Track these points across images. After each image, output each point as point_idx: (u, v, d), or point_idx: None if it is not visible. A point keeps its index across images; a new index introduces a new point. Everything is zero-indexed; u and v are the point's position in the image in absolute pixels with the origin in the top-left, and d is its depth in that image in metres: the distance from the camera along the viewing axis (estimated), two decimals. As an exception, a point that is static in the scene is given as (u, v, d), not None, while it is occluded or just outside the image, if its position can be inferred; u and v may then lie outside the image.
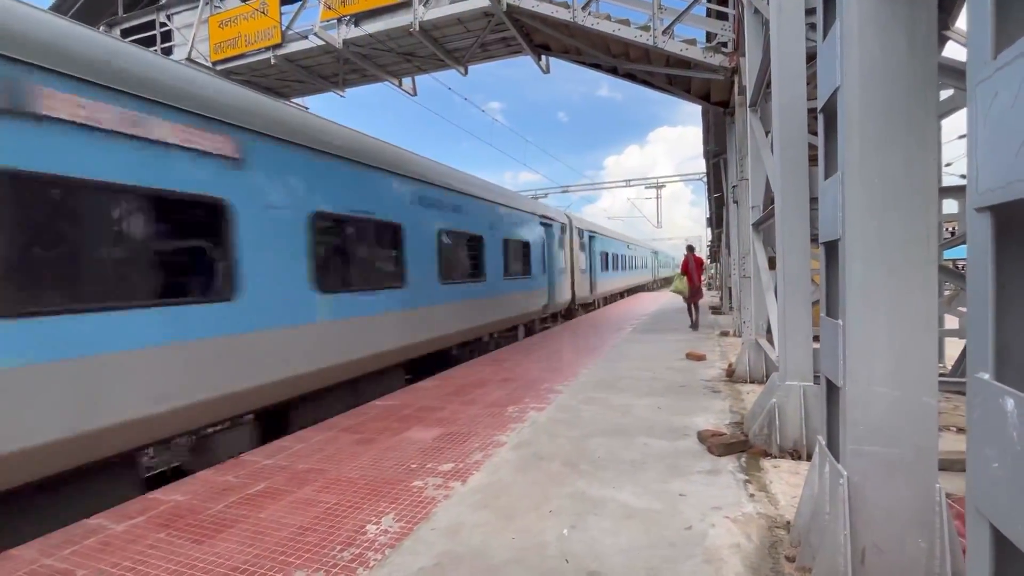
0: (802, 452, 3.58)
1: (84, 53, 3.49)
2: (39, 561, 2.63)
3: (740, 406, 4.94)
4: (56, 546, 2.78)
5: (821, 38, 2.22)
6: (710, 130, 12.59)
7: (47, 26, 3.38)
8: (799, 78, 3.75)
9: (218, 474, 3.77)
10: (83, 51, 3.49)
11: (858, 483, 1.97)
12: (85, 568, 2.54)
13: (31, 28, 3.26)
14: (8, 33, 3.10)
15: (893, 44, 1.84)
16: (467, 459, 3.81)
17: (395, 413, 5.23)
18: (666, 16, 7.76)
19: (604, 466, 3.56)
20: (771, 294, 5.26)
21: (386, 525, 2.85)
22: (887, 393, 1.93)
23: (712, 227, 26.37)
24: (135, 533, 2.90)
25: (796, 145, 3.74)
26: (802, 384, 3.68)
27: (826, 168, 2.26)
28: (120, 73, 3.66)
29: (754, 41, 5.43)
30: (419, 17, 9.30)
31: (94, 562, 2.60)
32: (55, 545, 2.79)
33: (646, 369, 6.91)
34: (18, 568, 2.57)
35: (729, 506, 2.89)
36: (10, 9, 3.22)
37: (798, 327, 3.80)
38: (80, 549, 2.73)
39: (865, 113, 1.90)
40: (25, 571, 2.54)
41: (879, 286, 1.90)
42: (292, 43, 10.46)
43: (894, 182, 1.87)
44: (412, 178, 7.14)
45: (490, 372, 7.22)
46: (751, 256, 6.22)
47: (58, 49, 3.33)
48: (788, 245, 3.82)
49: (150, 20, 11.85)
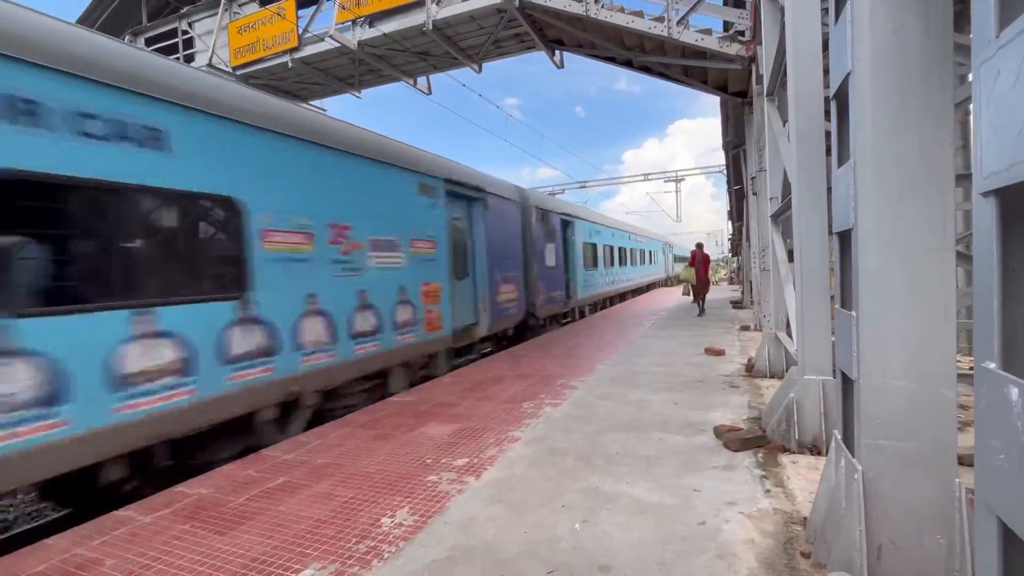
0: (821, 447, 3.51)
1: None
2: (71, 551, 2.75)
3: (758, 401, 4.85)
4: (87, 536, 2.90)
5: (833, 22, 2.16)
6: (729, 121, 12.34)
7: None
8: (815, 65, 3.65)
9: (240, 468, 3.88)
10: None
11: (874, 478, 1.92)
12: (114, 558, 2.65)
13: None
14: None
15: (906, 25, 1.79)
16: (481, 454, 3.84)
17: (411, 409, 5.29)
18: (681, 6, 7.63)
19: (618, 461, 3.55)
20: (790, 287, 5.15)
21: (400, 518, 2.89)
22: (903, 386, 1.88)
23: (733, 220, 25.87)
24: (161, 525, 3.00)
25: (812, 134, 3.65)
26: (821, 378, 3.60)
27: (839, 156, 2.20)
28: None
29: (771, 29, 5.30)
30: (432, 16, 9.34)
31: (122, 552, 2.70)
32: (86, 535, 2.91)
33: (664, 364, 6.85)
34: (52, 557, 2.69)
35: (744, 501, 2.85)
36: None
37: (816, 320, 3.72)
38: (109, 540, 2.85)
39: (877, 98, 1.85)
40: (59, 560, 2.66)
41: (893, 276, 1.85)
42: (308, 46, 10.62)
43: (908, 168, 1.81)
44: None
45: (507, 368, 7.25)
46: (770, 249, 6.09)
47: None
48: (805, 237, 3.74)
49: (172, 28, 12.17)
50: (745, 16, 7.66)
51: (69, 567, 2.59)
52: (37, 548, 2.80)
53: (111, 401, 3.56)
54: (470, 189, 8.67)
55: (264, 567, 2.48)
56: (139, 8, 12.55)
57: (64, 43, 3.56)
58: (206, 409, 4.17)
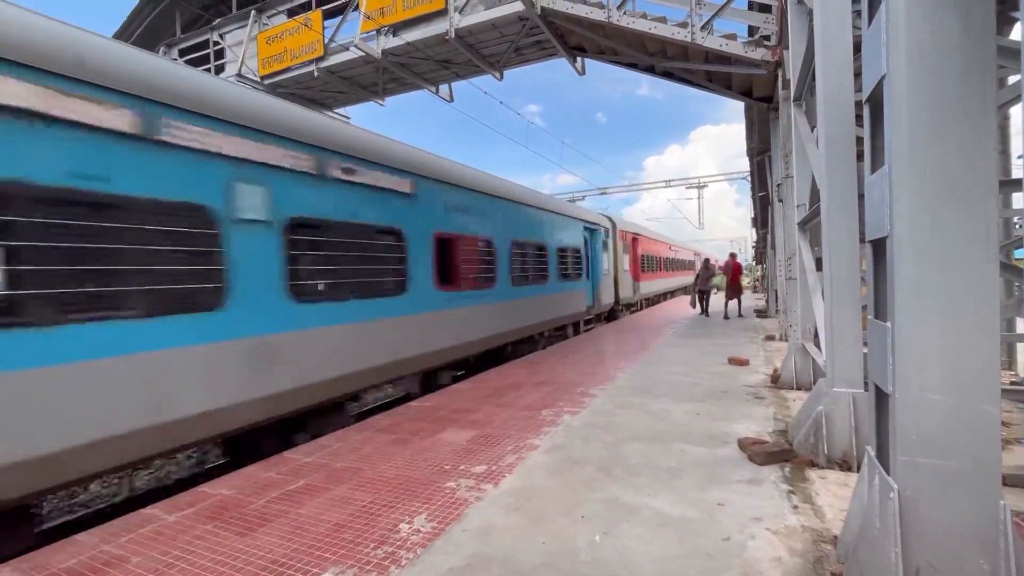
0: (852, 463, 3.39)
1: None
2: (99, 547, 2.81)
3: (785, 413, 4.72)
4: (115, 533, 2.97)
5: (866, 25, 2.10)
6: (753, 127, 12.16)
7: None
8: (845, 69, 3.57)
9: (262, 470, 3.93)
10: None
11: (911, 497, 1.84)
12: (139, 556, 2.70)
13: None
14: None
15: (945, 27, 1.72)
16: (500, 461, 3.82)
17: (430, 414, 5.30)
18: (705, 11, 7.56)
19: (639, 472, 3.48)
20: (818, 296, 5.01)
21: (419, 525, 2.88)
22: (942, 401, 1.79)
23: (757, 227, 25.38)
24: (184, 524, 3.05)
25: (842, 139, 3.56)
26: (851, 391, 3.48)
27: (872, 162, 2.13)
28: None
29: (798, 33, 5.21)
30: (455, 24, 9.45)
31: (147, 550, 2.76)
32: (114, 532, 2.98)
33: (686, 374, 6.73)
34: (81, 552, 2.76)
35: (771, 517, 2.76)
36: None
37: (846, 330, 3.60)
38: (135, 537, 2.91)
39: (914, 102, 1.78)
40: (87, 555, 2.72)
41: (931, 286, 1.78)
42: (334, 55, 10.84)
43: (947, 175, 1.74)
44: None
45: (525, 375, 7.21)
46: (797, 257, 5.95)
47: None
48: (835, 244, 3.63)
49: (204, 40, 12.57)
50: (771, 20, 7.55)
51: (97, 563, 2.64)
52: (68, 543, 2.88)
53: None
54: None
55: (283, 570, 2.50)
56: (173, 21, 13.01)
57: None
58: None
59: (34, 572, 2.58)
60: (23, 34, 3.09)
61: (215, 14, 12.96)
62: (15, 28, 3.08)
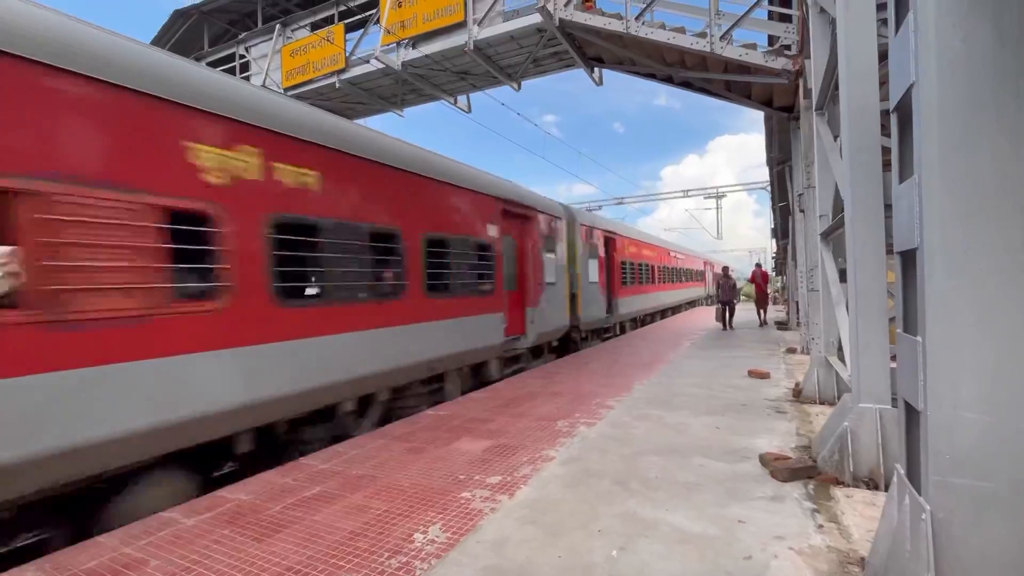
0: (879, 482, 3.27)
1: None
2: (120, 549, 2.85)
3: (808, 429, 4.60)
4: (135, 536, 3.01)
5: (893, 33, 2.06)
6: (773, 136, 12.01)
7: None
8: (870, 78, 3.50)
9: (279, 475, 3.95)
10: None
11: (944, 520, 1.76)
12: (158, 559, 2.73)
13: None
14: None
15: (977, 34, 1.68)
16: (515, 472, 3.78)
17: (445, 424, 5.29)
18: (724, 22, 7.53)
19: (657, 486, 3.42)
20: (842, 308, 4.89)
21: (433, 535, 2.86)
22: (977, 419, 1.72)
23: (777, 238, 24.99)
24: (202, 528, 3.08)
25: (868, 149, 3.49)
26: (878, 407, 3.37)
27: (901, 172, 2.08)
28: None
29: (820, 42, 5.15)
30: (473, 36, 9.57)
31: (166, 553, 2.78)
32: (134, 535, 3.02)
33: (704, 386, 6.61)
34: (102, 554, 2.80)
35: (794, 536, 2.68)
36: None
37: (873, 344, 3.50)
38: (155, 540, 2.94)
39: (945, 110, 1.74)
40: (108, 557, 2.76)
41: (965, 299, 1.71)
42: (355, 67, 11.06)
43: (980, 184, 1.69)
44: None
45: (540, 385, 7.16)
46: (819, 268, 5.83)
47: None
48: (860, 255, 3.55)
49: (231, 52, 12.93)
50: (791, 30, 7.48)
51: (117, 565, 2.68)
52: (89, 545, 2.92)
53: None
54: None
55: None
56: (202, 35, 13.43)
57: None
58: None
59: (56, 572, 2.62)
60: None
61: (241, 28, 13.35)
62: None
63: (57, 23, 3.28)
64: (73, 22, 3.43)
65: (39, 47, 3.09)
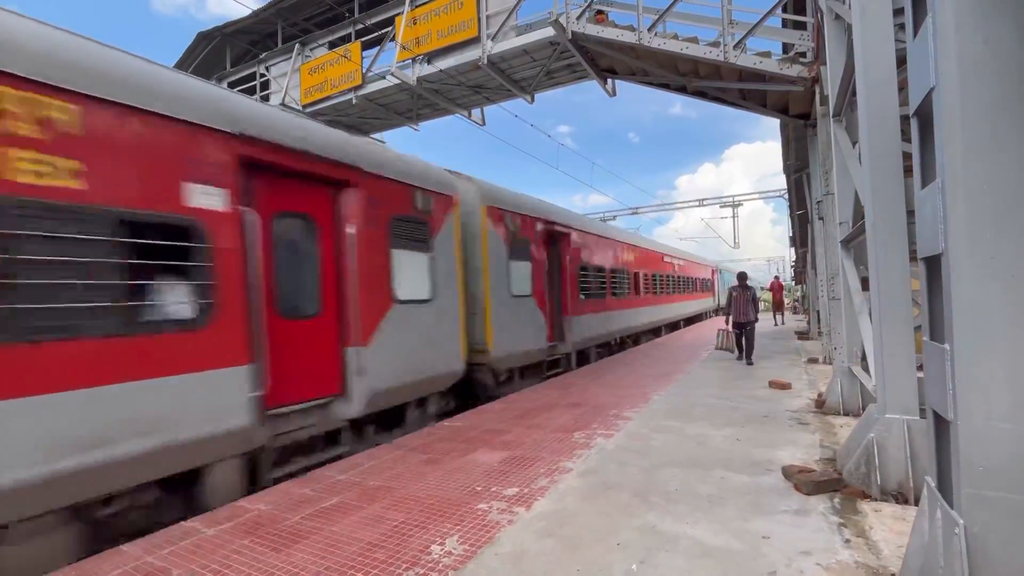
0: (908, 495, 3.17)
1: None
2: (143, 558, 2.89)
3: (832, 440, 4.48)
4: (158, 545, 3.04)
5: (911, 37, 2.04)
6: (790, 144, 11.90)
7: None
8: (889, 83, 3.46)
9: (297, 486, 3.98)
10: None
11: (979, 534, 1.70)
12: (179, 568, 2.76)
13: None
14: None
15: (998, 36, 1.65)
16: (532, 484, 3.75)
17: (461, 435, 5.28)
18: (737, 30, 7.52)
19: (677, 499, 3.36)
20: (865, 317, 4.78)
21: (450, 547, 2.85)
22: (1011, 429, 1.66)
23: (796, 246, 24.60)
24: (223, 538, 3.11)
25: (887, 155, 3.44)
26: (905, 418, 3.28)
27: (923, 177, 2.05)
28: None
29: (836, 48, 5.11)
30: (487, 51, 9.70)
31: (187, 563, 2.81)
32: (157, 544, 3.06)
33: (724, 397, 6.50)
34: (126, 563, 2.84)
35: (820, 551, 2.60)
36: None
37: (898, 354, 3.41)
38: (176, 549, 2.98)
39: (967, 113, 1.71)
40: (131, 566, 2.80)
41: (994, 305, 1.67)
42: (371, 84, 11.29)
43: (1006, 188, 1.65)
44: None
45: (557, 396, 7.12)
46: (840, 276, 5.72)
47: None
48: (883, 262, 3.48)
49: (252, 72, 13.31)
50: (806, 37, 7.45)
51: (140, 574, 2.71)
52: (113, 554, 2.97)
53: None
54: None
55: (317, 588, 2.50)
56: (224, 56, 13.86)
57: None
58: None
59: (82, 581, 2.66)
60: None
61: (262, 48, 13.75)
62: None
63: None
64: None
65: None
